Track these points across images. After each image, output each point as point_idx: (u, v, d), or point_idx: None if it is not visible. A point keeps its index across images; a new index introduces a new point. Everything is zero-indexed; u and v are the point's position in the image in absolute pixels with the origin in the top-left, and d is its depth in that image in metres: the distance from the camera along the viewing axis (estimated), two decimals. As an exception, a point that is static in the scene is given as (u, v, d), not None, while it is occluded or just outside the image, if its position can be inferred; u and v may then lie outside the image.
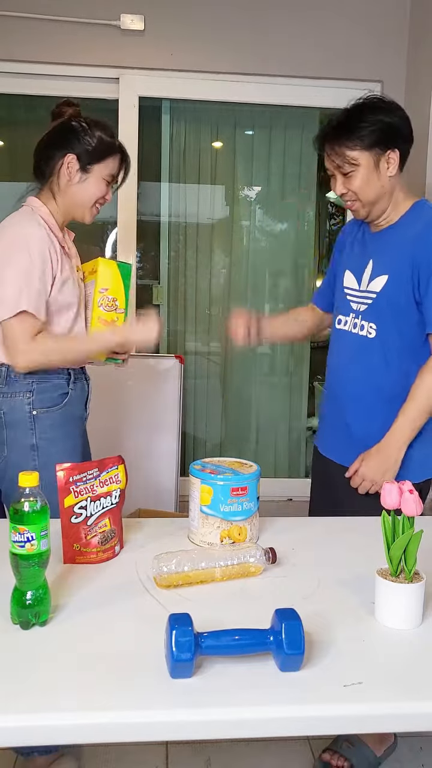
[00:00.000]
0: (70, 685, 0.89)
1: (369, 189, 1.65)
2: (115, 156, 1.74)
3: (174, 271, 3.62)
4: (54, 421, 1.72)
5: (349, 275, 1.78)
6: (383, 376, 1.67)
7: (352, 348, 1.73)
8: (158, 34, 3.24)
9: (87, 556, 1.27)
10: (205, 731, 0.88)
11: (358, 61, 3.34)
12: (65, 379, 1.75)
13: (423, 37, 3.23)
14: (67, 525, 1.25)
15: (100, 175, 1.72)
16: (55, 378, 1.73)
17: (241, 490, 1.32)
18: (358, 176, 1.64)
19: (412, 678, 0.94)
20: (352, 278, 1.76)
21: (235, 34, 3.27)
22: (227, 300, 3.60)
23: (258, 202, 3.62)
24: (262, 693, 0.89)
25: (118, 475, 1.30)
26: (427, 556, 1.12)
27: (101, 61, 3.24)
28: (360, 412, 1.71)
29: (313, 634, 1.01)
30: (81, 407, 1.83)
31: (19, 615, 1.02)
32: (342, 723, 0.90)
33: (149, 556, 1.21)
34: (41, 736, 0.86)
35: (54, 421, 1.72)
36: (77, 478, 1.25)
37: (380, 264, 1.70)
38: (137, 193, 3.44)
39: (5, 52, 3.17)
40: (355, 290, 1.75)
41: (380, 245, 1.72)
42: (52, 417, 1.71)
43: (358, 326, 1.72)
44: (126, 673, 0.92)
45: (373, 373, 1.68)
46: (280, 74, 3.33)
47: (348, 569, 1.25)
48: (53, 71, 3.22)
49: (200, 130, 3.55)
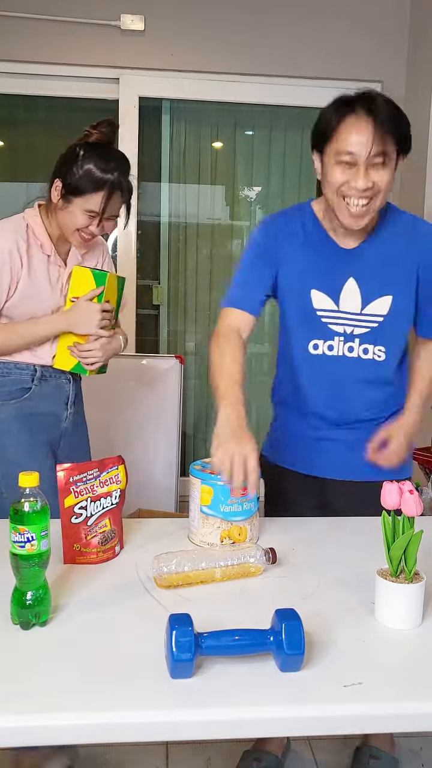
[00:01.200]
0: (70, 685, 0.89)
1: (388, 190, 1.47)
2: (99, 193, 1.67)
3: (174, 271, 3.62)
4: (10, 413, 1.76)
5: (320, 295, 1.57)
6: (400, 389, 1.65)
7: (357, 373, 1.59)
8: (158, 34, 3.24)
9: (87, 556, 1.27)
10: (205, 731, 0.88)
11: (358, 61, 3.34)
12: (29, 375, 1.78)
13: (423, 37, 3.23)
14: (68, 525, 1.25)
15: (80, 208, 1.69)
16: (17, 373, 1.77)
17: (241, 490, 1.32)
18: (388, 172, 1.44)
19: (412, 678, 0.94)
20: (326, 299, 1.57)
21: (235, 35, 3.28)
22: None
23: (258, 202, 3.62)
24: (262, 693, 0.89)
25: (119, 475, 1.31)
26: (427, 556, 1.12)
27: (101, 62, 3.24)
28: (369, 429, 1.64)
29: (313, 634, 1.01)
30: (54, 405, 1.84)
31: (19, 615, 1.02)
32: (342, 723, 0.90)
33: (149, 557, 1.21)
34: (41, 736, 0.86)
35: (9, 414, 1.76)
36: (77, 479, 1.26)
37: (374, 283, 1.56)
38: (137, 193, 3.44)
39: (5, 52, 3.17)
40: (333, 311, 1.57)
41: (365, 262, 1.56)
42: (7, 410, 1.76)
43: (358, 350, 1.57)
44: (126, 673, 0.92)
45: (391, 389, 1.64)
46: (280, 74, 3.33)
47: (348, 569, 1.25)
48: (53, 71, 3.22)
49: (200, 131, 3.55)
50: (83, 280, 1.74)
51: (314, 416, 1.65)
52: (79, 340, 1.76)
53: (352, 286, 1.56)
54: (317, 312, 1.58)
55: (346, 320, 1.57)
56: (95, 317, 1.73)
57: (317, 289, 1.57)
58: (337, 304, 1.57)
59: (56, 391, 1.84)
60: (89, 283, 1.74)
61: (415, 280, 1.57)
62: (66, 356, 1.78)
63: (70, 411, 1.88)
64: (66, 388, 1.86)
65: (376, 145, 1.39)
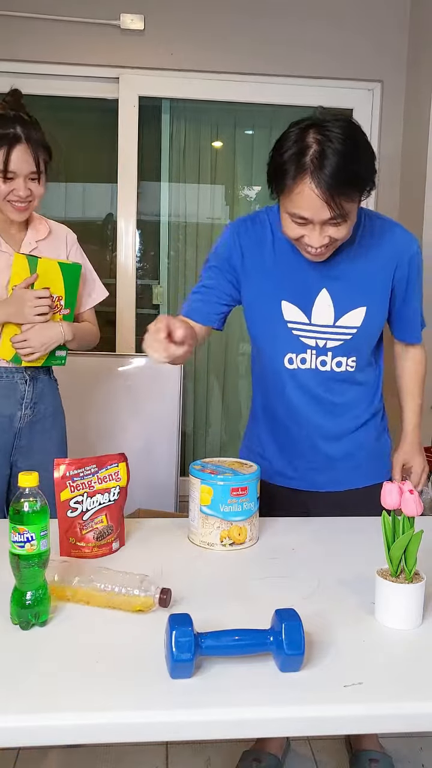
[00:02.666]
0: (70, 686, 0.89)
1: (348, 233, 1.39)
2: (1, 150, 1.66)
3: (174, 271, 3.62)
4: None
5: (290, 307, 1.50)
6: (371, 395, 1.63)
7: (328, 384, 1.55)
8: (158, 34, 3.24)
9: (82, 550, 1.27)
10: (205, 731, 0.88)
11: (358, 61, 3.34)
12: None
13: (423, 37, 3.23)
14: (63, 518, 1.26)
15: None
16: None
17: (241, 490, 1.32)
18: (347, 226, 1.36)
19: (412, 678, 0.94)
20: (297, 311, 1.50)
21: (235, 34, 3.27)
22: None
23: (258, 202, 3.62)
24: (262, 693, 0.89)
25: (119, 472, 1.31)
26: (427, 556, 1.12)
27: (101, 61, 3.24)
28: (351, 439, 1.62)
29: (313, 634, 1.01)
30: (5, 406, 1.80)
31: (19, 615, 1.02)
32: (342, 723, 0.90)
33: (149, 556, 1.21)
34: (41, 736, 0.86)
35: None
36: (74, 473, 1.26)
37: (347, 296, 1.50)
38: (137, 193, 3.44)
39: (5, 52, 3.17)
40: (305, 324, 1.51)
41: (337, 273, 1.49)
42: None
43: (331, 364, 1.53)
44: (126, 673, 0.92)
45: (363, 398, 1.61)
46: (280, 74, 3.33)
47: (348, 569, 1.25)
48: (53, 71, 3.22)
49: (200, 130, 3.55)
50: (21, 268, 1.73)
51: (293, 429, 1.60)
52: (18, 330, 1.75)
53: (325, 298, 1.50)
54: (288, 324, 1.51)
55: (319, 333, 1.51)
56: (28, 305, 1.71)
57: (288, 301, 1.51)
58: (309, 318, 1.51)
59: (8, 390, 1.80)
60: (25, 268, 1.73)
61: (389, 286, 1.53)
62: (8, 346, 1.75)
63: (25, 412, 1.83)
64: (21, 388, 1.81)
65: (331, 210, 1.30)
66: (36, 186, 1.73)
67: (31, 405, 1.84)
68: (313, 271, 1.49)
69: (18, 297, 1.72)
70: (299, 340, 1.52)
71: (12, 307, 1.72)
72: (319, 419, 1.58)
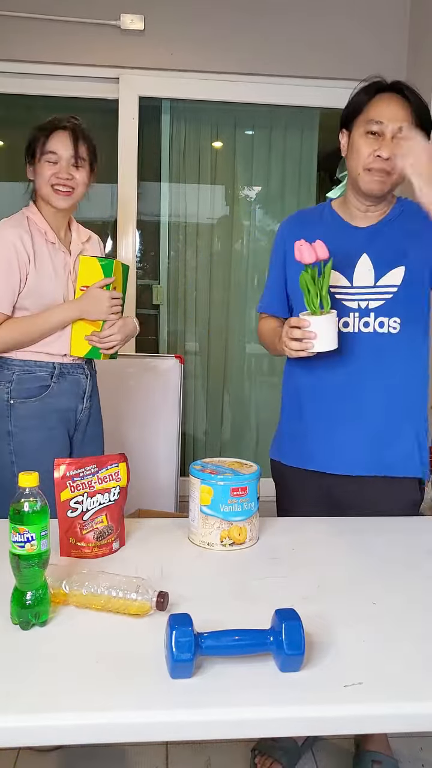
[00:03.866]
0: (70, 685, 0.89)
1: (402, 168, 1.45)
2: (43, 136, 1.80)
3: (174, 271, 3.63)
4: (29, 411, 1.81)
5: (334, 274, 1.59)
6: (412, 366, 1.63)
7: (371, 347, 1.60)
8: (158, 34, 3.24)
9: (82, 550, 1.27)
10: (205, 731, 0.88)
11: (358, 61, 3.34)
12: (48, 372, 1.84)
13: (423, 37, 3.23)
14: (63, 518, 1.26)
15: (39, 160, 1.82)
16: (38, 371, 1.83)
17: (241, 490, 1.32)
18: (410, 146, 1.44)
19: (412, 678, 0.94)
20: (340, 277, 1.61)
21: (235, 34, 3.28)
22: (227, 300, 3.60)
23: (258, 202, 3.62)
24: (262, 693, 0.89)
25: (119, 472, 1.31)
26: (427, 556, 1.12)
27: (101, 61, 3.24)
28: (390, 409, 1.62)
29: (313, 634, 1.01)
30: (70, 400, 1.89)
31: (19, 615, 1.02)
32: (342, 723, 0.89)
33: (149, 557, 1.21)
34: (41, 736, 0.86)
35: (29, 412, 1.81)
36: (74, 473, 1.26)
37: (386, 257, 1.60)
38: (137, 193, 3.44)
39: (5, 52, 3.17)
40: (347, 288, 1.61)
41: (378, 239, 1.61)
42: (28, 407, 1.81)
43: (374, 324, 1.59)
44: (126, 673, 0.92)
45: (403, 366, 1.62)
46: (280, 74, 3.33)
47: (348, 569, 1.25)
48: (53, 71, 3.22)
49: (200, 130, 3.55)
50: (90, 269, 1.83)
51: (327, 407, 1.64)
52: (94, 327, 1.83)
53: (365, 262, 1.61)
54: (331, 289, 1.60)
55: (361, 295, 1.61)
56: (105, 303, 1.81)
57: (332, 269, 1.57)
58: (351, 281, 1.61)
59: (74, 386, 1.89)
60: (96, 270, 1.82)
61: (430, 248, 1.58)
62: (80, 343, 1.84)
63: (86, 405, 1.93)
64: (83, 383, 1.91)
65: (404, 120, 1.50)
66: (78, 172, 1.81)
67: (89, 398, 1.94)
68: (355, 238, 1.63)
69: (95, 297, 1.81)
70: (341, 304, 1.61)
71: (88, 305, 1.81)
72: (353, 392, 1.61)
